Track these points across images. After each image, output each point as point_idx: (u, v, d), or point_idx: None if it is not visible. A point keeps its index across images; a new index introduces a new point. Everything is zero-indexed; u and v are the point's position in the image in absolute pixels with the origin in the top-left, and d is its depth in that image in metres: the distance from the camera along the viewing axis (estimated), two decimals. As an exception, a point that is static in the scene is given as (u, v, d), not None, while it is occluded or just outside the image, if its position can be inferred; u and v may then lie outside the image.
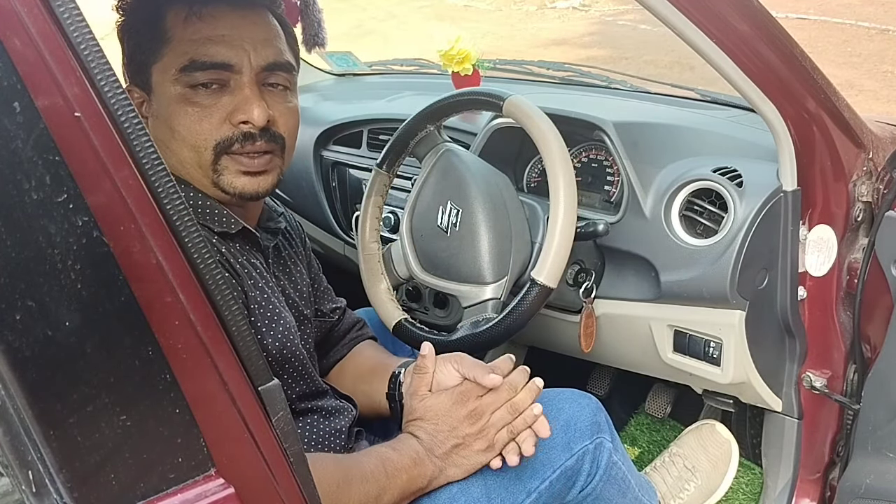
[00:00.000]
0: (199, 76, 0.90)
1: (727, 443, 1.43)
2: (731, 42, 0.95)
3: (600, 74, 1.79)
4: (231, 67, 0.91)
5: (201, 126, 0.91)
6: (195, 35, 0.90)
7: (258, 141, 0.94)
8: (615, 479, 1.06)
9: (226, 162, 0.94)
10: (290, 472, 0.66)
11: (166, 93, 0.91)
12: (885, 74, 5.21)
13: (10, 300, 0.50)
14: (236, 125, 0.92)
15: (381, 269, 1.35)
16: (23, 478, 0.55)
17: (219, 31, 0.90)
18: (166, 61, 0.91)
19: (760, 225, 1.12)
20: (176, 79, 0.90)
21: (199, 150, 0.92)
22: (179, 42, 0.90)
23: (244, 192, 0.96)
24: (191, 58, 0.89)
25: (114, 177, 0.53)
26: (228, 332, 0.59)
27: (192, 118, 0.91)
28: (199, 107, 0.91)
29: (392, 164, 1.36)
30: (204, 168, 0.94)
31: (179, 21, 0.90)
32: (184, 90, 0.91)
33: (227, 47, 0.91)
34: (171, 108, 0.91)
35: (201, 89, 0.91)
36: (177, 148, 0.93)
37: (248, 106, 0.91)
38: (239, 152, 0.93)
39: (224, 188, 0.95)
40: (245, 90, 0.92)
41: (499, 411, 0.97)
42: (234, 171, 0.94)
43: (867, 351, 1.25)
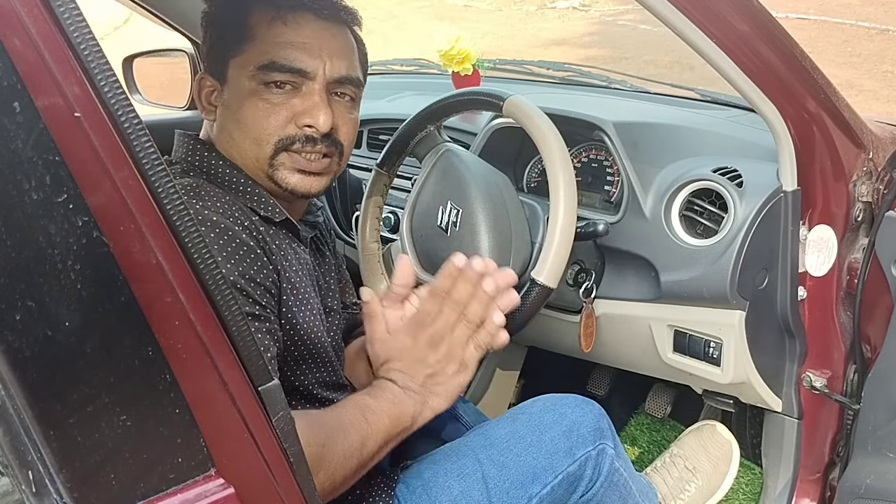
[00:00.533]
0: (276, 76, 0.94)
1: (728, 443, 1.43)
2: (731, 42, 0.95)
3: (600, 74, 1.79)
4: (307, 74, 0.95)
5: (268, 122, 0.96)
6: (278, 38, 0.94)
7: (318, 145, 0.98)
8: (616, 485, 1.06)
9: (283, 158, 0.97)
10: (290, 472, 0.66)
11: (240, 86, 0.96)
12: (885, 74, 5.21)
13: (10, 300, 0.50)
14: (301, 127, 0.96)
15: (381, 269, 1.35)
16: (23, 478, 0.55)
17: (301, 38, 0.95)
18: (246, 57, 0.95)
19: (760, 225, 1.12)
20: (252, 75, 0.95)
21: (261, 143, 0.96)
22: (262, 42, 0.94)
23: (296, 189, 0.99)
24: (272, 59, 0.94)
25: (114, 177, 0.53)
26: (228, 332, 0.59)
27: (260, 113, 0.95)
28: (269, 104, 0.95)
29: (392, 164, 1.36)
30: (261, 161, 0.97)
31: (265, 21, 0.94)
32: (258, 86, 0.95)
33: (306, 54, 0.95)
34: (243, 102, 0.96)
35: (274, 88, 0.95)
36: (240, 138, 0.97)
37: (315, 111, 0.96)
38: (298, 151, 0.97)
39: (277, 182, 0.99)
40: (315, 96, 0.96)
41: (458, 328, 0.95)
42: (289, 168, 0.98)
43: (867, 351, 1.25)
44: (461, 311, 0.95)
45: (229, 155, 0.99)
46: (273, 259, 0.95)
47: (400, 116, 1.50)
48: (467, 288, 0.95)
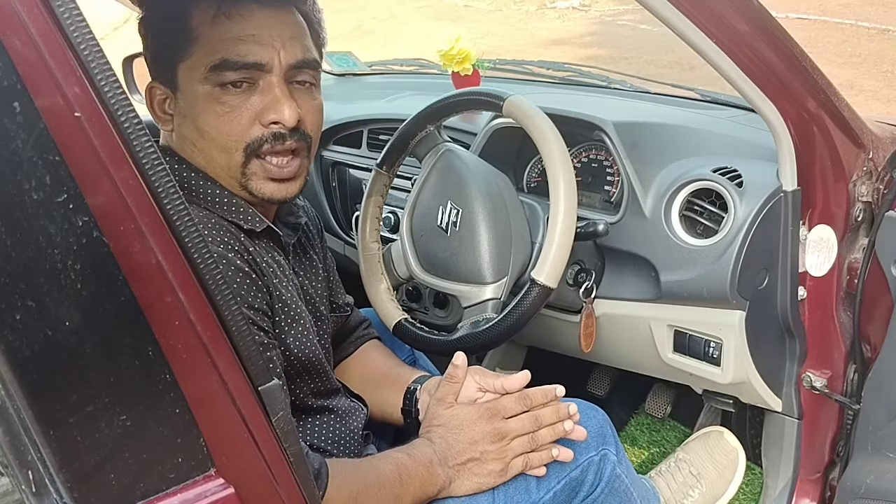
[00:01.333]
0: (230, 76, 0.89)
1: (734, 451, 1.42)
2: (731, 42, 0.94)
3: (600, 74, 1.79)
4: (262, 67, 0.90)
5: (231, 127, 0.91)
6: (224, 34, 0.89)
7: (288, 140, 0.93)
8: (617, 491, 1.06)
9: (254, 167, 0.93)
10: (290, 471, 0.66)
11: (194, 92, 0.91)
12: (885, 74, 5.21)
13: (10, 300, 0.50)
14: (266, 125, 0.92)
15: (381, 269, 1.35)
16: (23, 478, 0.55)
17: (248, 31, 0.90)
18: (194, 60, 0.90)
19: (760, 225, 1.12)
20: (205, 78, 0.89)
21: (230, 151, 0.92)
22: (208, 41, 0.89)
23: (273, 197, 0.96)
24: (222, 57, 0.89)
25: (114, 177, 0.53)
26: (228, 332, 0.59)
27: (221, 119, 0.91)
28: (228, 107, 0.90)
29: (392, 164, 1.36)
30: (233, 170, 0.93)
31: (207, 20, 0.89)
32: (212, 89, 0.90)
33: (257, 46, 0.90)
34: (200, 108, 0.91)
35: (230, 88, 0.90)
36: (205, 147, 0.92)
37: (279, 106, 0.91)
38: (269, 152, 0.93)
39: (252, 192, 0.95)
40: (275, 90, 0.91)
41: (520, 438, 0.97)
42: (262, 178, 0.94)
43: (867, 351, 1.25)
44: (535, 428, 0.97)
45: (197, 164, 0.94)
46: (265, 280, 0.93)
47: (400, 116, 1.50)
48: (553, 415, 0.98)
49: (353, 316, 1.27)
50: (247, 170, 0.93)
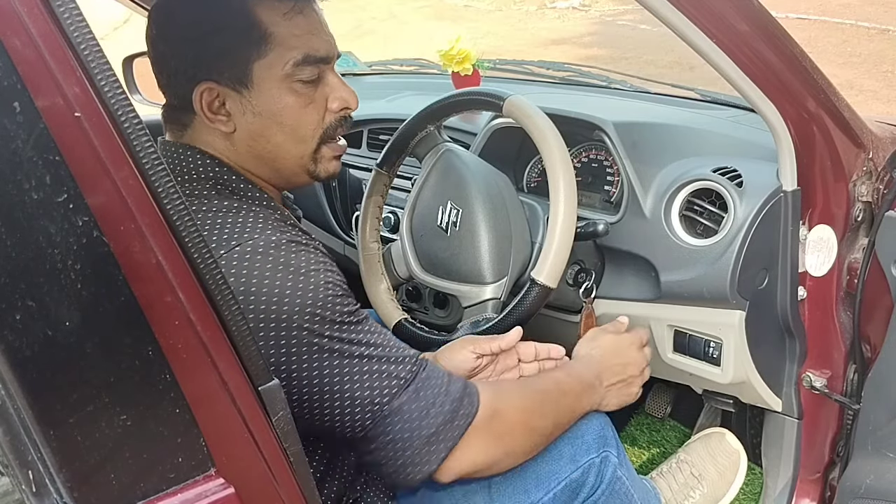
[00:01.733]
0: (309, 70, 0.93)
1: (736, 453, 1.42)
2: (731, 42, 0.94)
3: (600, 74, 1.79)
4: (328, 59, 0.95)
5: (310, 117, 0.95)
6: (297, 30, 0.92)
7: (349, 122, 1.00)
8: (618, 493, 1.06)
9: (324, 151, 0.98)
10: (290, 471, 0.66)
11: (272, 88, 0.92)
12: (885, 74, 5.21)
13: (10, 300, 0.50)
14: (336, 111, 0.97)
15: (381, 269, 1.35)
16: (23, 478, 0.55)
17: (314, 25, 0.94)
18: (272, 57, 0.91)
19: (760, 225, 1.12)
20: (287, 74, 0.92)
21: (307, 140, 0.96)
22: (284, 38, 0.91)
23: (334, 173, 1.01)
24: (304, 52, 0.92)
25: (114, 177, 0.53)
26: (228, 332, 0.59)
27: (302, 111, 0.94)
28: (307, 98, 0.94)
29: (392, 164, 1.36)
30: (304, 158, 0.97)
31: (278, 17, 0.91)
32: (292, 84, 0.93)
33: (324, 40, 0.95)
34: (282, 104, 0.93)
35: (306, 81, 0.94)
36: (281, 140, 0.95)
37: (343, 93, 0.97)
38: (336, 138, 0.99)
39: (319, 174, 0.99)
40: (334, 79, 0.97)
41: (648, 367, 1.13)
42: (329, 158, 0.99)
43: (867, 351, 1.25)
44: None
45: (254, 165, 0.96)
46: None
47: (400, 116, 1.50)
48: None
49: None
50: (318, 155, 0.98)
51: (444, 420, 0.87)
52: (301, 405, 0.84)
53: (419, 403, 0.87)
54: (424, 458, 0.87)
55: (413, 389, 0.87)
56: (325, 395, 0.84)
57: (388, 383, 0.86)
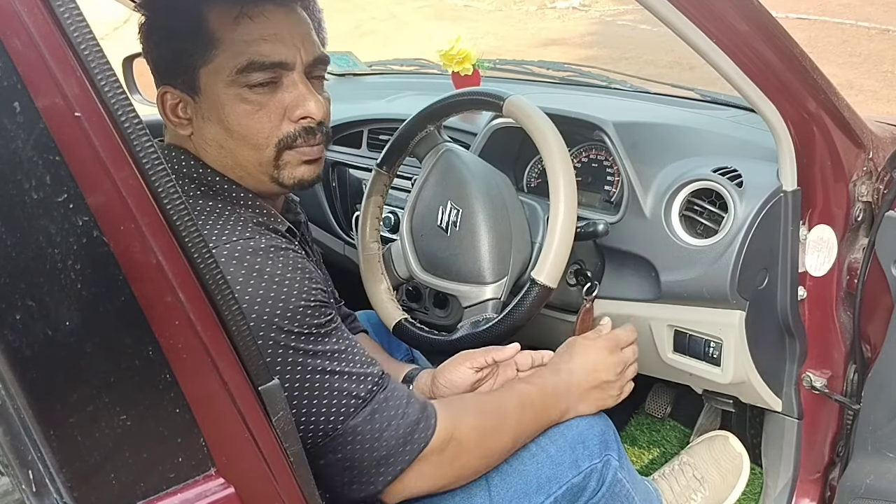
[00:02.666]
0: (258, 76, 0.90)
1: (739, 456, 1.42)
2: (731, 42, 0.94)
3: (600, 74, 1.79)
4: (286, 65, 0.92)
5: (262, 124, 0.92)
6: (248, 36, 0.89)
7: (317, 134, 0.96)
8: (618, 495, 1.06)
9: (288, 157, 0.95)
10: (290, 471, 0.66)
11: (218, 94, 0.91)
12: (885, 74, 5.21)
13: (10, 300, 0.50)
14: (296, 121, 0.94)
15: (381, 269, 1.35)
16: (23, 477, 0.55)
17: (271, 30, 0.90)
18: (218, 63, 0.90)
19: (760, 225, 1.12)
20: (232, 80, 0.90)
21: (260, 148, 0.93)
22: (231, 43, 0.89)
23: (304, 179, 0.97)
24: (249, 59, 0.89)
25: (114, 177, 0.53)
26: (228, 332, 0.59)
27: (252, 117, 0.92)
28: (256, 105, 0.91)
29: (392, 164, 1.36)
30: (265, 165, 0.94)
31: (228, 22, 0.90)
32: (239, 90, 0.91)
33: (282, 45, 0.91)
34: (228, 109, 0.91)
35: (256, 88, 0.91)
36: (234, 147, 0.93)
37: (306, 102, 0.93)
38: (301, 146, 0.95)
39: (284, 181, 0.96)
40: (300, 86, 0.93)
41: (633, 366, 1.11)
42: (296, 163, 0.96)
43: (867, 351, 1.25)
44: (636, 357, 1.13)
45: (222, 166, 0.95)
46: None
47: (400, 116, 1.50)
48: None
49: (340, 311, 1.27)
50: (280, 161, 0.95)
51: (396, 444, 0.86)
52: None
53: (373, 426, 0.86)
54: (371, 480, 0.87)
55: (369, 411, 0.86)
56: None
57: (347, 402, 0.85)
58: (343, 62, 2.19)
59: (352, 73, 2.21)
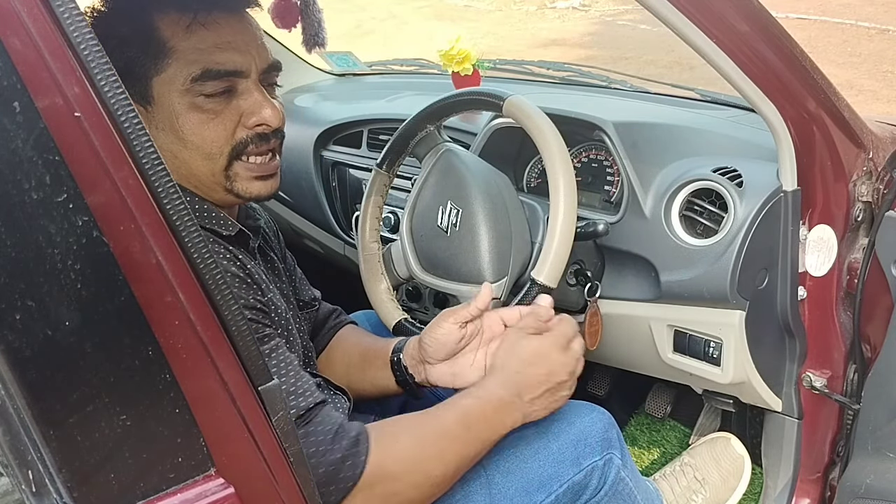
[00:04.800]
0: (213, 85, 0.89)
1: (741, 458, 1.42)
2: (731, 42, 0.94)
3: (600, 74, 1.79)
4: (241, 73, 0.91)
5: (216, 133, 0.91)
6: (201, 44, 0.88)
7: (271, 140, 0.95)
8: (620, 494, 1.06)
9: (237, 168, 0.94)
10: (290, 471, 0.66)
11: (172, 104, 0.90)
12: (885, 74, 5.21)
13: (10, 300, 0.50)
14: (251, 128, 0.93)
15: (381, 269, 1.35)
16: (23, 477, 0.55)
17: (224, 38, 0.89)
18: (171, 72, 0.89)
19: (760, 225, 1.12)
20: (187, 89, 0.89)
21: (214, 157, 0.92)
22: (184, 52, 0.88)
23: (260, 195, 0.97)
24: (204, 67, 0.88)
25: (114, 177, 0.53)
26: (228, 332, 0.59)
27: (206, 126, 0.91)
28: (211, 114, 0.91)
29: (392, 164, 1.36)
30: (217, 175, 0.93)
31: (180, 30, 0.88)
32: (194, 99, 0.89)
33: (236, 53, 0.90)
34: (182, 119, 0.90)
35: (211, 96, 0.90)
36: (188, 157, 0.92)
37: (261, 109, 0.92)
38: (253, 153, 0.94)
39: (239, 193, 0.95)
40: (255, 93, 0.92)
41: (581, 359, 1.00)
42: (246, 178, 0.95)
43: (867, 351, 1.25)
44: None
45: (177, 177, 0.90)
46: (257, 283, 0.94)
47: (400, 116, 1.50)
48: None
49: (321, 308, 1.27)
50: (230, 172, 0.94)
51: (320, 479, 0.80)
52: None
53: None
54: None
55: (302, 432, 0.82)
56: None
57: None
58: (343, 62, 2.19)
59: (352, 73, 2.21)
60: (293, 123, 1.69)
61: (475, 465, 1.01)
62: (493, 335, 1.07)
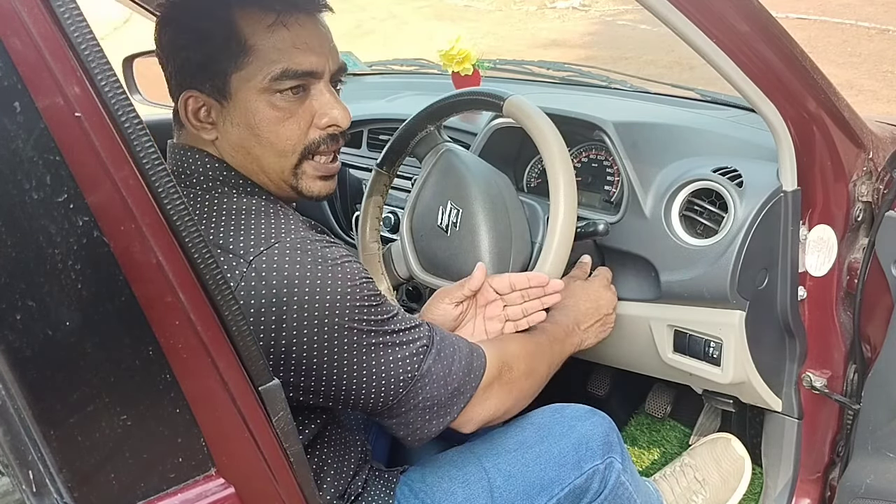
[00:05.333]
0: (288, 83, 0.91)
1: (741, 460, 1.42)
2: (731, 42, 0.94)
3: (600, 74, 1.79)
4: (316, 74, 0.93)
5: (290, 131, 0.93)
6: (281, 44, 0.90)
7: (340, 141, 0.98)
8: (621, 497, 1.06)
9: (306, 167, 0.96)
10: (290, 471, 0.66)
11: (250, 100, 0.91)
12: (885, 74, 5.21)
13: (10, 300, 0.50)
14: (323, 128, 0.95)
15: (381, 269, 1.35)
16: (23, 477, 0.55)
17: (303, 39, 0.91)
18: (251, 70, 0.90)
19: (760, 225, 1.12)
20: (264, 87, 0.91)
21: (286, 154, 0.94)
22: (265, 51, 0.90)
23: (321, 195, 0.99)
24: (284, 67, 0.90)
25: (114, 177, 0.53)
26: (228, 332, 0.59)
27: (281, 124, 0.93)
28: (287, 112, 0.93)
29: (392, 164, 1.36)
30: (286, 172, 0.95)
31: (261, 29, 0.90)
32: (270, 97, 0.91)
33: (312, 54, 0.92)
34: (258, 116, 0.92)
35: (288, 94, 0.92)
36: (261, 153, 0.94)
37: (333, 110, 0.95)
38: (323, 152, 0.97)
39: (302, 191, 0.97)
40: (326, 94, 0.95)
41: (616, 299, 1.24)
42: (312, 177, 0.97)
43: (867, 351, 1.25)
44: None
45: (247, 171, 0.95)
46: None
47: (400, 116, 1.50)
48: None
49: None
50: (298, 170, 0.96)
51: (463, 374, 0.93)
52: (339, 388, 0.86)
53: (442, 363, 0.92)
54: (448, 411, 0.93)
55: (435, 351, 0.92)
56: (363, 375, 0.87)
57: (418, 351, 0.91)
58: (343, 62, 2.19)
59: (352, 73, 2.21)
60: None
61: (476, 468, 1.01)
62: (486, 301, 1.11)
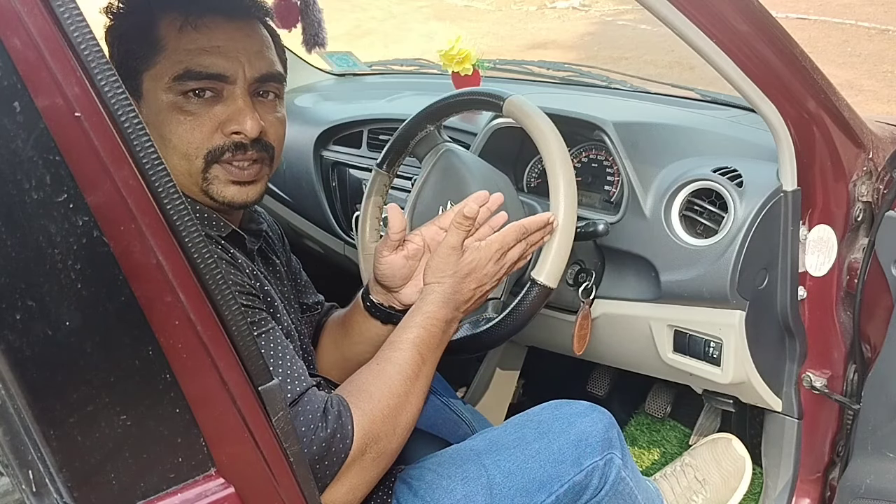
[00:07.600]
0: (192, 84, 0.90)
1: (742, 460, 1.42)
2: (731, 42, 0.95)
3: (600, 74, 1.79)
4: (226, 78, 0.91)
5: (193, 135, 0.92)
6: (190, 45, 0.90)
7: (249, 151, 0.94)
8: (621, 494, 1.06)
9: (216, 171, 0.94)
10: (290, 471, 0.66)
11: (157, 100, 0.91)
12: (885, 74, 5.21)
13: (10, 300, 0.50)
14: (228, 135, 0.93)
15: (381, 269, 1.35)
16: (23, 477, 0.55)
17: (214, 42, 0.91)
18: (159, 69, 0.90)
19: (760, 225, 1.12)
20: (169, 87, 0.90)
21: (190, 158, 0.92)
22: (174, 51, 0.90)
23: (233, 201, 0.96)
24: (186, 67, 0.89)
25: (114, 177, 0.53)
26: (228, 332, 0.59)
27: (183, 127, 0.91)
28: (191, 115, 0.91)
29: (392, 164, 1.36)
30: (194, 176, 0.94)
31: (174, 30, 0.90)
32: (176, 98, 0.90)
33: (222, 58, 0.91)
34: (163, 116, 0.91)
35: (193, 97, 0.91)
36: (167, 155, 0.92)
37: (241, 117, 0.92)
38: (229, 161, 0.94)
39: (213, 196, 0.95)
40: (238, 101, 0.92)
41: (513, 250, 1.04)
42: (223, 181, 0.94)
43: (867, 351, 1.25)
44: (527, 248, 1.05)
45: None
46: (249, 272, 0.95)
47: (400, 116, 1.50)
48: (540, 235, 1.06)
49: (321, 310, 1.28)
50: (208, 174, 0.94)
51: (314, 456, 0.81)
52: None
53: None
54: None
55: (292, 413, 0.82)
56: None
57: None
58: (343, 62, 2.19)
59: (352, 73, 2.21)
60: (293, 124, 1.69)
61: (475, 465, 1.01)
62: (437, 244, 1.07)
